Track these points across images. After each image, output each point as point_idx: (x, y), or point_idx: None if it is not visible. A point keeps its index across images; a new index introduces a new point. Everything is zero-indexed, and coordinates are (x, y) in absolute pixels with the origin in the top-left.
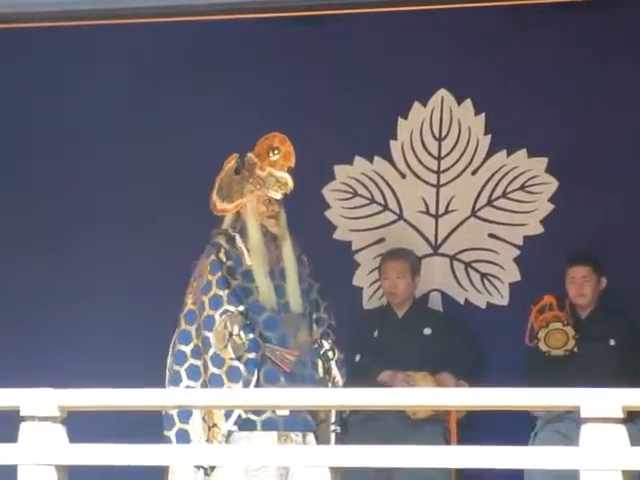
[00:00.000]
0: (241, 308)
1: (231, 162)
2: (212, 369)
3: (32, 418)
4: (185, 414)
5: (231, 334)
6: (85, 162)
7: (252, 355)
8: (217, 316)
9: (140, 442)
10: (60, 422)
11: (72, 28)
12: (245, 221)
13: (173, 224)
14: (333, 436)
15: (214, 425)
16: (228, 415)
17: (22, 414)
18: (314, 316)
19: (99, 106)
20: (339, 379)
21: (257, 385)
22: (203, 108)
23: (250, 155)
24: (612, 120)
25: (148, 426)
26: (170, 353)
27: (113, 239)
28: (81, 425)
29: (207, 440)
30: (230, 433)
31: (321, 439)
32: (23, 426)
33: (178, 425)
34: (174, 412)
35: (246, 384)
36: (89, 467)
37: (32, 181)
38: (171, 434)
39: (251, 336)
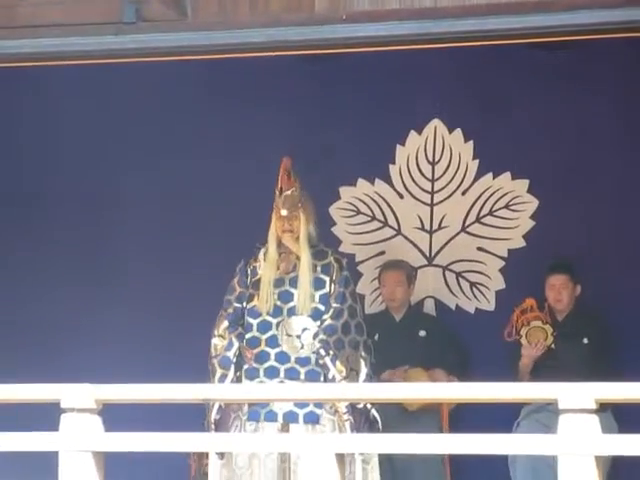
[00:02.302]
0: (230, 311)
1: None
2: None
3: (72, 410)
4: (208, 407)
5: (214, 334)
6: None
7: (226, 353)
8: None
9: (168, 429)
10: (97, 413)
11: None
12: None
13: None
14: (348, 425)
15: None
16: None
17: (63, 406)
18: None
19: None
20: (335, 374)
21: (239, 380)
22: (222, 135)
23: None
24: (587, 145)
25: (175, 414)
26: None
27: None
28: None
29: None
30: (216, 421)
31: (339, 429)
32: (63, 417)
33: (208, 417)
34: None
35: (221, 379)
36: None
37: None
38: (205, 423)
39: (231, 336)
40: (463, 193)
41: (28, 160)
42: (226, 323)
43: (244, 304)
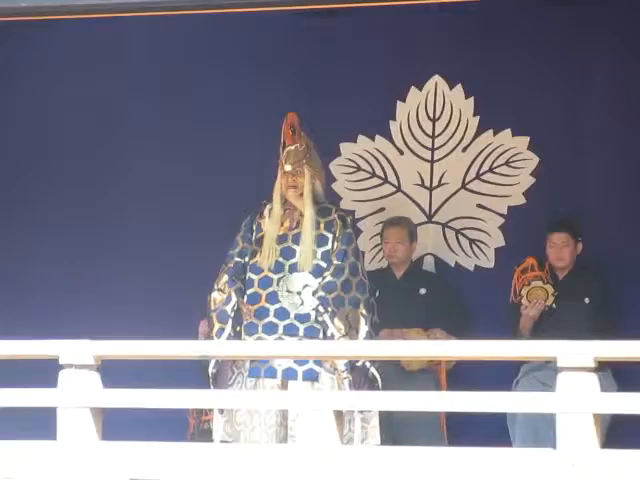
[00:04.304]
0: (230, 265)
1: None
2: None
3: (70, 366)
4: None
5: (214, 288)
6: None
7: (224, 307)
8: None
9: (167, 386)
10: (95, 369)
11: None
12: None
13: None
14: (346, 383)
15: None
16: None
17: (61, 362)
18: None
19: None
20: (333, 331)
21: (239, 336)
22: (223, 89)
23: None
24: (587, 102)
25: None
26: None
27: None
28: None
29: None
30: (214, 375)
31: (338, 388)
32: (62, 373)
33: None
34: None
35: (218, 333)
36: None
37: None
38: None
39: (230, 291)
40: (463, 150)
41: (29, 116)
42: (226, 277)
43: (246, 259)
